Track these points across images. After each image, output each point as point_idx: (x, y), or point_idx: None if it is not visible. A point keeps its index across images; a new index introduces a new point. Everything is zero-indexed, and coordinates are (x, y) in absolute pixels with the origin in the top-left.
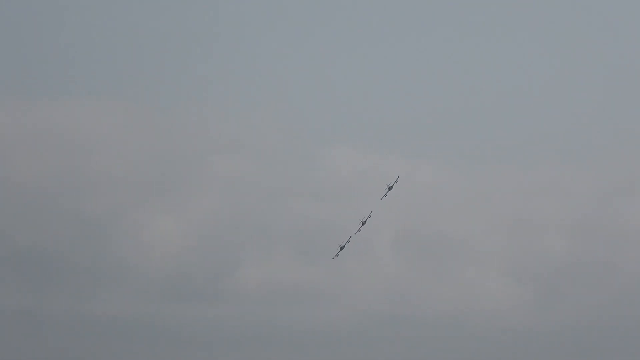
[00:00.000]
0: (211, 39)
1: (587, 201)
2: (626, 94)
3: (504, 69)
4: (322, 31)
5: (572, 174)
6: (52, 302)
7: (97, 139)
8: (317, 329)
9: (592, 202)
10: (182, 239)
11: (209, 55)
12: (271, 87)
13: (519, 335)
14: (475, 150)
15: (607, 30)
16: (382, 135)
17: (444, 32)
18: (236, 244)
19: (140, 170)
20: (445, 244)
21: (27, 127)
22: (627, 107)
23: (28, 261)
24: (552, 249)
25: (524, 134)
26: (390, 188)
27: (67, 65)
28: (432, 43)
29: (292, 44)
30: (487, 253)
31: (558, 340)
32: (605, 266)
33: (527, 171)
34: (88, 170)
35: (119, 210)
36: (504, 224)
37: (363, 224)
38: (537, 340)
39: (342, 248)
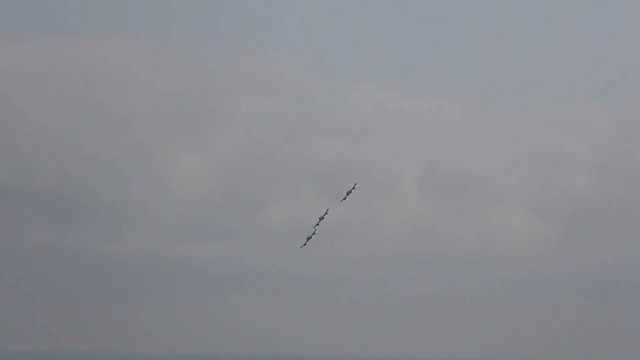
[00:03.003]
0: None
1: (611, 139)
2: None
3: (527, 5)
4: None
5: (596, 112)
6: (77, 242)
7: (119, 78)
8: (342, 268)
9: (616, 140)
10: (207, 178)
11: None
12: (292, 25)
13: (545, 274)
14: (500, 88)
15: None
16: (406, 72)
17: None
18: (261, 183)
19: (163, 110)
20: (471, 183)
21: (49, 65)
22: None
23: (53, 202)
24: (577, 188)
25: (549, 72)
26: (348, 193)
27: (90, 2)
28: None
29: None
30: (512, 192)
31: (584, 278)
32: (630, 204)
33: (551, 109)
34: (110, 110)
35: (142, 150)
36: (530, 163)
37: (321, 219)
38: (563, 279)
39: (308, 239)
